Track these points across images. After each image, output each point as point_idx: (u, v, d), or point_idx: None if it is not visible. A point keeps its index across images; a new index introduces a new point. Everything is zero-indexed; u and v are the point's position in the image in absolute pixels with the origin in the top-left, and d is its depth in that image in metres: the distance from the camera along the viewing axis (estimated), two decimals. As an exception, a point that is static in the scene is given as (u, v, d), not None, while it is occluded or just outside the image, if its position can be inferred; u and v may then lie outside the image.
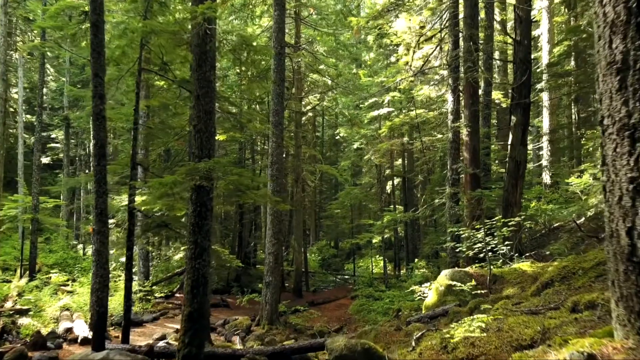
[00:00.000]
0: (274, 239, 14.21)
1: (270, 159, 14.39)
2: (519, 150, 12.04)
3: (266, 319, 14.08)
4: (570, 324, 3.14)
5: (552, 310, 4.02)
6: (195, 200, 6.92)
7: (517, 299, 6.04)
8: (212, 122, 7.13)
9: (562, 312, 3.65)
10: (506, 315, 4.09)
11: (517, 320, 3.69)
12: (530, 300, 5.05)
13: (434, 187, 20.70)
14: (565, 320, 3.28)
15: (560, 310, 3.80)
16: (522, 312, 4.22)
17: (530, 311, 4.22)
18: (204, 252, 6.89)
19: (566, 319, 3.31)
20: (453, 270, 8.67)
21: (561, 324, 3.20)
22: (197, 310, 6.73)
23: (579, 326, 2.98)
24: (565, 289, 5.09)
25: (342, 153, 38.75)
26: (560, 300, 4.47)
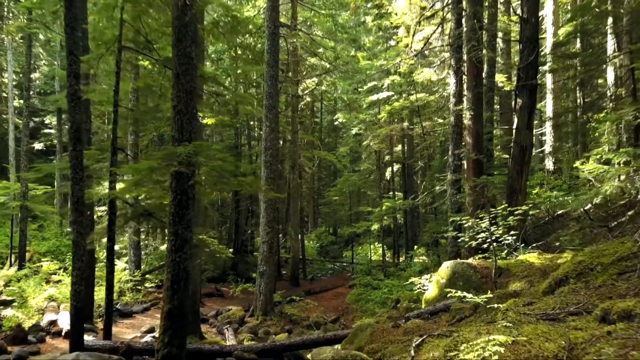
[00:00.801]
0: (268, 227, 13.67)
1: (264, 145, 13.79)
2: (524, 135, 11.42)
3: (260, 309, 13.62)
4: (603, 340, 2.60)
5: (574, 317, 3.48)
6: (175, 188, 6.34)
7: (527, 296, 5.49)
8: (194, 102, 6.52)
9: (589, 321, 3.11)
10: (519, 322, 3.55)
11: (534, 329, 3.14)
12: (544, 301, 4.51)
13: (434, 174, 20.13)
14: (595, 333, 2.74)
15: (584, 318, 3.26)
16: (538, 317, 3.68)
17: (546, 316, 3.67)
18: (185, 244, 6.33)
19: (596, 332, 2.77)
20: (455, 262, 8.13)
21: (591, 339, 2.65)
22: (178, 307, 6.19)
23: (616, 344, 2.44)
24: (583, 288, 4.54)
25: (341, 139, 38.11)
26: (581, 302, 3.92)
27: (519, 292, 6.25)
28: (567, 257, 7.39)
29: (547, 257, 7.88)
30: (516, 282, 7.02)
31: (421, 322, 6.84)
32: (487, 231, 7.84)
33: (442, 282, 8.05)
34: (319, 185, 38.61)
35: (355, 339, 6.99)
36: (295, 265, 20.90)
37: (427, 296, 8.38)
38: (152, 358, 7.42)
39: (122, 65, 10.39)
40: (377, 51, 26.31)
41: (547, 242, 10.97)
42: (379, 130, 22.69)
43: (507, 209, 7.76)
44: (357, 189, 28.76)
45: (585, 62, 18.23)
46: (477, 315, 6.05)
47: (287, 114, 22.60)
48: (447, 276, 7.99)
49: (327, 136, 41.13)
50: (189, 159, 5.97)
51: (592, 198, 8.15)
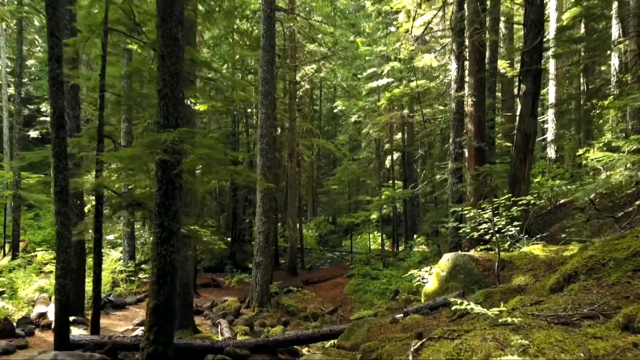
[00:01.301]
0: (264, 217, 13.34)
1: (260, 132, 13.40)
2: (528, 122, 11.05)
3: (256, 301, 13.35)
4: (629, 354, 2.27)
5: (589, 321, 3.14)
6: (161, 177, 5.99)
7: (533, 293, 5.17)
8: (180, 86, 6.14)
9: (609, 327, 2.77)
10: (529, 326, 3.21)
11: (546, 336, 2.81)
12: (553, 299, 4.17)
13: (434, 162, 19.76)
14: (618, 344, 2.41)
15: (603, 324, 2.92)
16: (549, 320, 3.34)
17: (558, 318, 3.34)
18: (172, 237, 6.00)
19: (619, 342, 2.44)
20: (456, 254, 7.81)
21: (614, 351, 2.32)
22: (164, 303, 5.88)
23: (646, 360, 2.12)
24: (595, 286, 4.21)
25: (340, 127, 37.66)
26: (595, 303, 3.58)
27: (523, 287, 5.92)
28: (573, 249, 7.07)
29: (552, 249, 7.55)
30: (520, 276, 6.70)
31: (420, 318, 6.53)
32: (489, 222, 7.51)
33: (443, 275, 7.74)
34: (318, 173, 38.26)
35: (352, 335, 6.69)
36: (293, 255, 20.63)
37: (426, 289, 8.07)
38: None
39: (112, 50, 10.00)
40: (377, 37, 25.79)
41: (551, 232, 10.65)
42: (378, 117, 22.27)
43: (510, 198, 7.43)
44: (356, 177, 28.41)
45: (590, 47, 17.77)
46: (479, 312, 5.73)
47: (285, 101, 22.17)
48: (448, 269, 7.68)
49: (326, 124, 40.67)
50: (174, 147, 5.61)
51: (601, 187, 7.80)
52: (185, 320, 10.45)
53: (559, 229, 11.62)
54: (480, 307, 2.31)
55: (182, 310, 10.43)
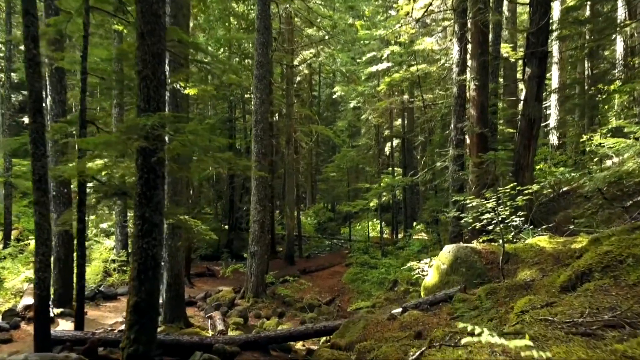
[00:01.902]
0: (259, 205, 12.95)
1: (255, 118, 12.95)
2: (532, 107, 10.59)
3: (251, 291, 13.02)
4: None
5: (613, 331, 2.75)
6: (141, 166, 5.56)
7: (542, 291, 4.78)
8: (162, 67, 5.68)
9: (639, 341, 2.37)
10: (544, 337, 2.82)
11: (566, 352, 2.41)
12: (566, 301, 3.77)
13: (434, 149, 19.32)
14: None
15: (631, 336, 2.53)
16: (565, 328, 2.95)
17: (576, 326, 2.94)
18: (154, 229, 5.59)
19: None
20: (458, 246, 7.42)
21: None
22: (146, 300, 5.49)
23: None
24: (612, 286, 3.81)
25: (340, 113, 37.08)
26: (616, 308, 3.19)
27: (530, 283, 5.53)
28: (582, 241, 6.67)
29: (559, 240, 7.16)
30: (526, 270, 6.31)
31: (420, 314, 6.16)
32: (493, 212, 7.11)
33: (443, 268, 7.36)
34: (317, 160, 37.80)
35: (347, 332, 6.34)
36: (290, 244, 20.28)
37: (426, 283, 7.70)
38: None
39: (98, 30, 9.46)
40: (377, 21, 25.14)
41: (556, 222, 10.24)
42: (378, 103, 21.76)
43: (515, 187, 7.01)
44: (355, 165, 27.95)
45: (595, 30, 17.23)
46: (483, 310, 5.36)
47: (282, 87, 21.64)
48: (449, 262, 7.29)
49: (325, 110, 40.09)
50: (153, 133, 5.18)
51: (611, 176, 7.38)
52: (177, 312, 10.13)
53: (563, 218, 11.22)
54: (492, 335, 1.90)
55: (174, 302, 10.11)
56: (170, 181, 9.89)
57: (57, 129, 7.91)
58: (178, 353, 7.14)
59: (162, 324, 10.07)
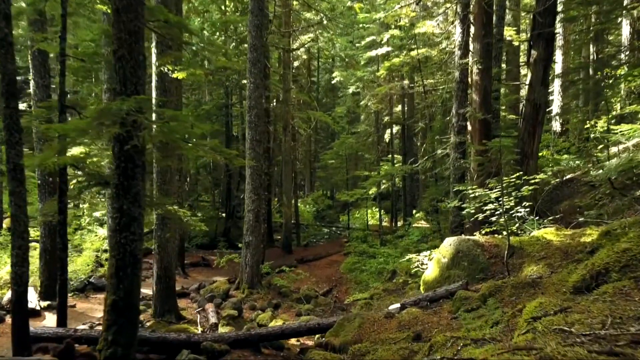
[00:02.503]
0: (253, 194, 12.53)
1: (249, 103, 12.47)
2: (538, 91, 10.14)
3: (246, 282, 12.66)
4: None
5: (645, 349, 2.36)
6: (118, 154, 5.13)
7: (552, 292, 4.39)
8: (140, 46, 5.22)
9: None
10: (565, 357, 2.42)
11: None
12: (582, 305, 3.38)
13: (435, 136, 18.86)
14: None
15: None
16: (586, 344, 2.55)
17: (598, 342, 2.55)
18: (132, 222, 5.18)
19: None
20: (459, 239, 7.03)
21: None
22: (124, 298, 5.10)
23: None
24: (634, 289, 3.42)
25: (339, 99, 36.50)
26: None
27: (537, 280, 5.14)
28: (592, 233, 6.28)
29: (566, 233, 6.77)
30: (532, 265, 5.93)
31: (419, 312, 5.79)
32: (497, 202, 6.71)
33: (444, 262, 6.97)
34: (316, 147, 37.34)
35: (341, 331, 5.97)
36: (287, 232, 19.92)
37: (426, 277, 7.32)
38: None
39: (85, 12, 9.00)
40: (377, 4, 24.48)
41: (561, 212, 9.85)
42: (377, 88, 21.23)
43: (522, 177, 6.60)
44: (354, 152, 27.50)
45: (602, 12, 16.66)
46: (487, 310, 4.98)
47: (280, 72, 21.09)
48: (450, 255, 6.90)
49: (324, 96, 39.51)
50: (129, 119, 4.74)
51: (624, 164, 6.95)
52: (167, 305, 9.79)
53: (569, 207, 10.82)
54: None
55: (164, 294, 9.76)
56: (158, 170, 9.47)
57: (36, 114, 7.45)
58: (165, 350, 6.79)
59: (152, 317, 9.75)
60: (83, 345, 6.93)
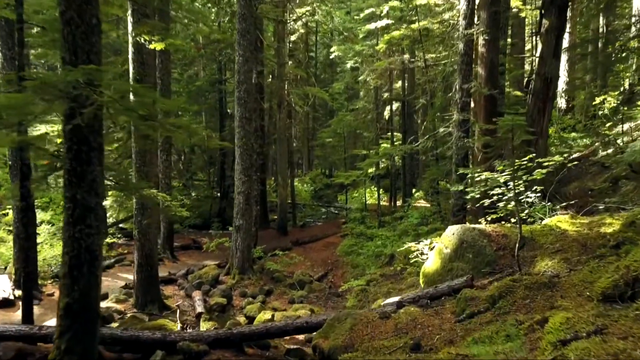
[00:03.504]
0: (243, 175, 11.83)
1: (238, 78, 11.65)
2: (550, 64, 9.34)
3: (237, 267, 12.07)
4: None
5: None
6: (70, 135, 4.41)
7: (575, 298, 3.72)
8: (93, 7, 4.43)
9: None
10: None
11: None
12: (621, 324, 2.72)
13: (436, 113, 18.06)
14: None
15: None
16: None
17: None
18: (88, 214, 4.49)
19: None
20: (463, 228, 6.35)
21: None
22: (80, 300, 4.45)
23: None
24: (687, 305, 2.75)
25: (338, 75, 35.46)
26: None
27: (554, 280, 4.48)
28: (612, 223, 5.59)
29: (582, 221, 6.07)
30: (546, 260, 5.26)
31: (418, 312, 5.15)
32: (505, 187, 6.01)
33: (446, 253, 6.31)
34: (314, 125, 36.46)
35: (332, 332, 5.33)
36: (283, 213, 19.28)
37: (426, 269, 6.66)
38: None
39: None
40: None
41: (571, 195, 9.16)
42: (377, 63, 20.29)
43: (534, 159, 5.87)
44: (353, 130, 26.67)
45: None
46: (496, 315, 4.33)
47: (274, 45, 20.13)
48: (453, 246, 6.23)
49: (322, 72, 38.46)
50: (76, 92, 4.00)
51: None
52: (150, 295, 9.20)
53: (579, 190, 10.12)
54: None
55: (145, 283, 9.16)
56: (137, 150, 8.75)
57: (-6, 89, 6.69)
58: (139, 349, 6.20)
59: (133, 307, 9.18)
60: (50, 344, 6.32)
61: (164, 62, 13.41)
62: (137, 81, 8.52)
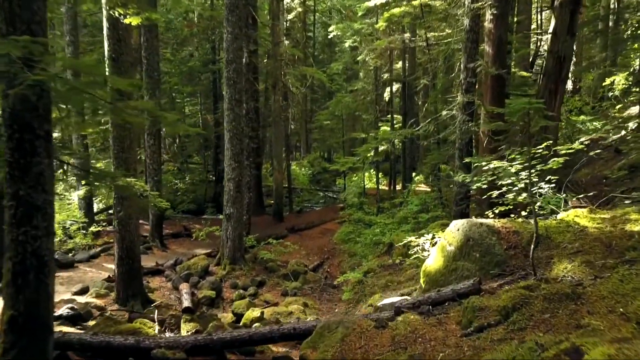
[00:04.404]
0: (233, 161, 11.18)
1: (226, 57, 10.91)
2: (564, 41, 8.60)
3: (228, 257, 11.50)
4: None
5: None
6: (9, 121, 3.74)
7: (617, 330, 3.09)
8: (34, -32, 3.71)
9: None
10: None
11: None
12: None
13: (438, 94, 17.29)
14: None
15: None
16: None
17: None
18: (35, 213, 3.85)
19: None
20: (470, 223, 5.71)
21: None
22: (26, 312, 3.84)
23: None
24: None
25: (337, 55, 34.48)
26: None
27: (579, 290, 3.85)
28: (638, 219, 4.97)
29: (603, 216, 5.43)
30: (564, 262, 4.63)
31: (419, 322, 4.54)
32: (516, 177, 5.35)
33: (450, 251, 5.68)
34: (313, 106, 35.62)
35: (321, 343, 4.74)
36: (278, 199, 18.66)
37: (428, 267, 6.04)
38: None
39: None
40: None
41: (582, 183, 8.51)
42: (376, 42, 19.44)
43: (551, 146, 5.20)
44: (351, 112, 25.86)
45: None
46: (510, 331, 3.71)
47: (268, 23, 19.26)
48: (458, 243, 5.60)
49: (321, 52, 37.47)
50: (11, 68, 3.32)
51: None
52: (132, 289, 8.62)
53: (591, 178, 9.46)
54: None
55: (128, 277, 8.56)
56: (115, 135, 8.06)
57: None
58: (110, 356, 5.62)
59: (114, 302, 8.61)
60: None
61: (150, 41, 12.64)
62: (112, 60, 7.81)
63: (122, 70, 7.87)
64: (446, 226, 10.42)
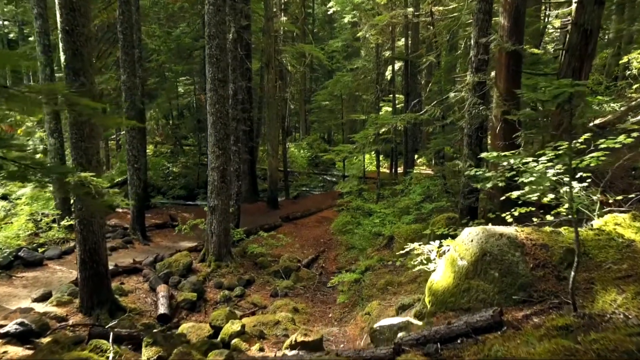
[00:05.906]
0: (217, 148, 10.11)
1: (208, 31, 9.74)
2: (591, 12, 7.42)
3: (213, 253, 10.54)
4: None
5: None
6: None
7: None
8: None
9: None
10: None
11: None
12: None
13: (442, 73, 16.09)
14: None
15: None
16: None
17: None
18: None
19: None
20: (486, 232, 4.66)
21: None
22: None
23: None
24: None
25: (337, 32, 33.01)
26: None
27: None
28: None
29: (652, 225, 4.39)
30: (611, 291, 3.60)
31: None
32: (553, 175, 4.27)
33: (462, 266, 4.64)
34: (312, 86, 34.31)
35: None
36: (273, 186, 17.64)
37: (434, 284, 5.01)
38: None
39: None
40: None
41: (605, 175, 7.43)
42: (377, 18, 18.13)
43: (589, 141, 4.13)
44: (351, 91, 24.60)
45: None
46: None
47: None
48: (472, 257, 4.57)
49: (320, 29, 35.99)
50: None
51: None
52: (99, 296, 7.67)
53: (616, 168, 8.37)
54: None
55: (92, 283, 7.59)
56: (72, 122, 6.98)
57: None
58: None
59: (78, 311, 7.65)
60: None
61: (126, 13, 11.43)
62: (66, 33, 6.69)
63: (79, 45, 6.75)
64: (452, 221, 9.42)
